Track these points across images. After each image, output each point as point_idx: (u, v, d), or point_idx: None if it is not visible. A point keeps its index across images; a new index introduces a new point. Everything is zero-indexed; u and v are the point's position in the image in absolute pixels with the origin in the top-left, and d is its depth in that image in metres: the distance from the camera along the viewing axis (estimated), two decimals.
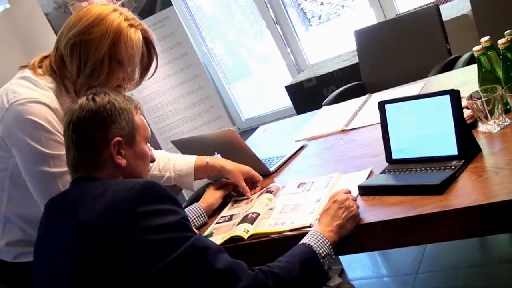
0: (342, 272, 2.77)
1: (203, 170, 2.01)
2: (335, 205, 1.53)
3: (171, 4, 5.16)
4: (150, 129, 5.13)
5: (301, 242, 1.47)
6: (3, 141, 1.68)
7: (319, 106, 3.12)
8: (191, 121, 5.41)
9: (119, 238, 1.25)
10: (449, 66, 2.78)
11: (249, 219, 1.76)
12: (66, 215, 1.35)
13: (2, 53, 5.69)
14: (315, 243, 1.45)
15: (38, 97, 1.65)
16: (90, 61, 1.66)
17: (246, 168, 1.99)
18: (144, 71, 1.86)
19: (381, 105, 1.75)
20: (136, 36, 1.70)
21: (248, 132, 5.80)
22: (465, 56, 2.77)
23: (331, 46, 5.29)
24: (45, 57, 1.77)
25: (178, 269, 1.25)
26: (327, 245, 1.46)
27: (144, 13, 5.19)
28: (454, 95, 1.57)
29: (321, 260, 1.43)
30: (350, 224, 1.51)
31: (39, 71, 1.73)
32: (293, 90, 4.49)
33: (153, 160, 1.60)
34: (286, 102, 4.75)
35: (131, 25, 1.70)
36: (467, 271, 2.47)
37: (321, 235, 1.47)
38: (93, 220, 1.28)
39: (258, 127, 5.66)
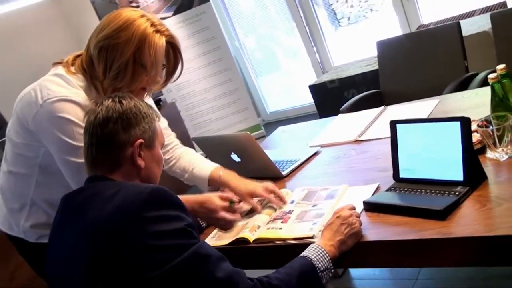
0: (345, 271, 2.70)
1: (215, 181, 1.92)
2: (339, 220, 1.46)
3: (208, 0, 5.10)
4: (181, 116, 5.16)
5: (301, 254, 1.40)
6: (35, 134, 1.66)
7: (339, 107, 3.05)
8: (219, 110, 5.38)
9: (124, 241, 1.20)
10: (466, 83, 2.66)
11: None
12: (78, 213, 1.31)
13: (52, 38, 5.72)
14: (315, 257, 1.38)
15: (69, 95, 1.62)
16: (115, 64, 1.62)
17: (256, 190, 1.80)
18: (170, 74, 1.80)
19: (393, 124, 1.66)
20: (160, 41, 1.64)
21: (271, 124, 5.75)
22: (481, 75, 2.65)
23: (356, 49, 5.20)
24: (78, 56, 1.73)
25: (179, 276, 1.19)
26: (327, 259, 1.39)
27: (183, 7, 5.16)
28: (465, 122, 1.47)
29: (320, 274, 1.36)
30: (351, 240, 1.44)
31: (72, 69, 1.69)
32: (316, 90, 4.41)
33: (163, 165, 1.55)
34: (309, 99, 4.66)
35: (157, 31, 1.64)
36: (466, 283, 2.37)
37: (322, 249, 1.40)
38: (101, 221, 1.24)
39: (281, 120, 5.66)
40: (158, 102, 4.72)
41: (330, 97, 4.28)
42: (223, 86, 5.33)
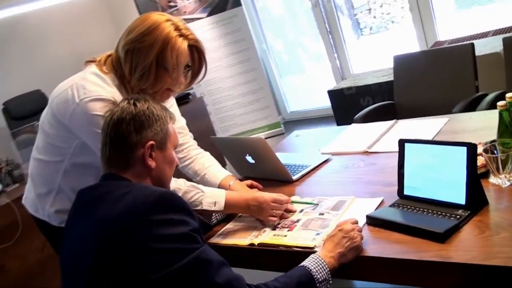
0: None
1: (225, 189, 1.82)
2: (341, 233, 1.39)
3: (240, 5, 5.05)
4: (207, 109, 5.11)
5: (302, 264, 1.33)
6: (71, 129, 1.63)
7: (354, 113, 2.96)
8: (243, 107, 5.32)
9: (128, 242, 1.14)
10: (475, 102, 2.54)
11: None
12: (90, 209, 1.26)
13: (97, 32, 5.71)
14: (314, 267, 1.31)
15: (104, 94, 1.57)
16: (140, 67, 1.57)
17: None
18: (195, 75, 1.73)
19: (401, 143, 1.58)
20: (182, 45, 1.57)
21: (290, 123, 5.67)
22: (490, 96, 2.53)
23: (375, 59, 5.10)
24: (109, 55, 1.68)
25: (179, 280, 1.14)
26: (326, 270, 1.32)
27: (217, 9, 5.10)
28: (471, 148, 1.38)
29: (318, 285, 1.29)
30: (351, 254, 1.36)
31: (104, 68, 1.64)
32: (334, 95, 4.31)
33: (177, 166, 1.47)
34: (327, 102, 4.55)
35: (180, 35, 1.58)
36: None
37: (322, 260, 1.33)
38: (109, 220, 1.19)
39: (300, 120, 5.58)
40: (187, 96, 4.66)
41: (347, 103, 4.19)
42: (248, 84, 5.27)
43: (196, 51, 1.66)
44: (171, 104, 1.88)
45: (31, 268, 2.97)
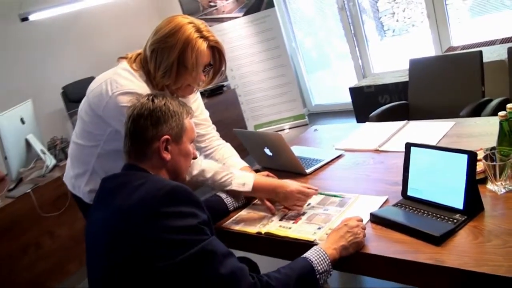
0: None
1: None
2: (345, 228, 1.33)
3: (273, 6, 4.97)
4: (239, 100, 5.08)
5: (304, 255, 1.28)
6: (105, 119, 1.62)
7: (372, 110, 2.87)
8: (271, 99, 5.28)
9: (139, 230, 1.11)
10: (481, 106, 2.42)
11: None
12: (110, 197, 1.24)
13: (146, 28, 5.69)
14: (316, 259, 1.26)
15: (134, 87, 1.55)
16: (163, 65, 1.54)
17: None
18: (216, 73, 1.69)
19: (408, 146, 1.50)
20: (202, 46, 1.53)
21: (314, 115, 5.57)
22: (494, 102, 2.41)
23: (394, 59, 4.96)
24: (139, 54, 1.65)
25: (184, 269, 1.09)
26: (327, 262, 1.26)
27: (252, 9, 5.04)
28: (472, 156, 1.29)
29: (318, 276, 1.24)
30: (352, 248, 1.31)
31: (134, 65, 1.62)
32: (355, 92, 4.20)
33: (194, 158, 1.42)
34: (349, 98, 4.45)
35: (201, 37, 1.54)
36: None
37: (324, 253, 1.28)
38: (124, 209, 1.16)
39: (323, 113, 5.47)
40: (221, 87, 4.62)
41: (366, 100, 4.07)
42: (277, 79, 5.21)
43: (217, 52, 1.62)
44: (196, 98, 1.85)
45: (76, 235, 3.03)
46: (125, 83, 1.56)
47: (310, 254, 1.28)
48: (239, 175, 1.65)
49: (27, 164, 3.27)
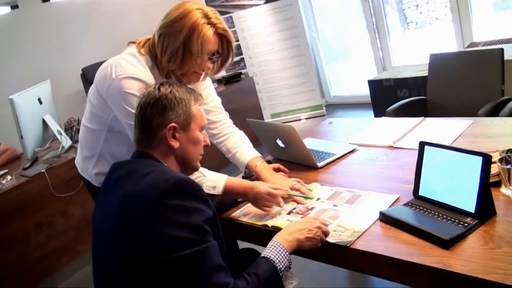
0: None
1: (251, 168, 1.79)
2: (307, 224, 1.33)
3: None
4: (257, 88, 5.03)
5: (265, 255, 1.24)
6: (107, 101, 1.62)
7: (390, 104, 2.82)
8: (290, 88, 5.23)
9: (141, 220, 1.10)
10: (500, 106, 2.35)
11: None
12: (118, 183, 1.23)
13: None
14: (277, 258, 1.23)
15: (137, 73, 1.55)
16: (169, 49, 1.53)
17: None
18: (224, 62, 1.67)
19: (422, 145, 1.46)
20: (208, 33, 1.51)
21: (332, 106, 5.50)
22: None
23: (414, 53, 4.85)
24: (149, 39, 1.64)
25: (175, 268, 1.07)
26: (287, 257, 1.25)
27: None
28: (486, 159, 1.25)
29: (281, 274, 1.22)
30: (307, 245, 1.31)
31: (142, 50, 1.61)
32: (374, 85, 4.12)
33: (206, 145, 1.40)
34: (367, 91, 4.39)
35: (208, 23, 1.52)
36: None
37: (282, 248, 1.26)
38: (130, 197, 1.15)
39: (340, 104, 5.40)
40: (239, 75, 4.59)
41: (384, 93, 3.99)
42: (296, 68, 5.15)
43: (226, 40, 1.60)
44: (206, 85, 1.83)
45: (88, 216, 3.03)
46: (128, 67, 1.56)
47: (271, 254, 1.25)
48: (211, 178, 1.65)
49: (43, 144, 3.31)
